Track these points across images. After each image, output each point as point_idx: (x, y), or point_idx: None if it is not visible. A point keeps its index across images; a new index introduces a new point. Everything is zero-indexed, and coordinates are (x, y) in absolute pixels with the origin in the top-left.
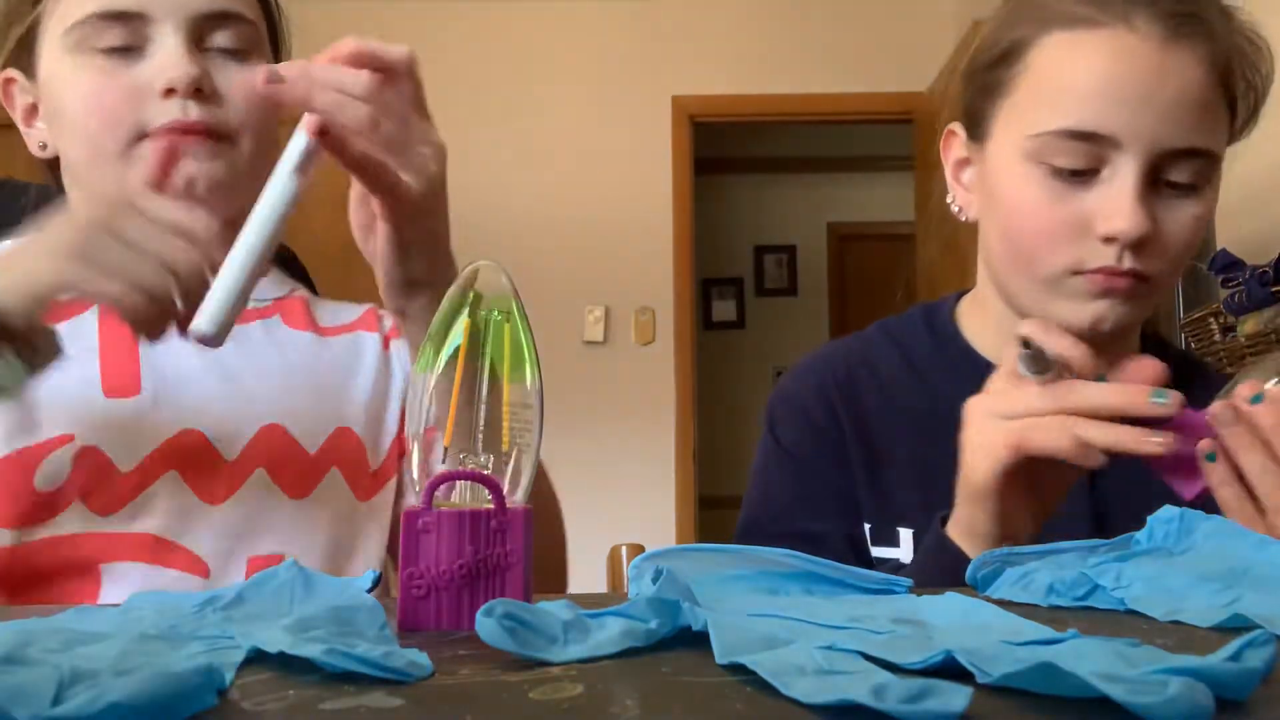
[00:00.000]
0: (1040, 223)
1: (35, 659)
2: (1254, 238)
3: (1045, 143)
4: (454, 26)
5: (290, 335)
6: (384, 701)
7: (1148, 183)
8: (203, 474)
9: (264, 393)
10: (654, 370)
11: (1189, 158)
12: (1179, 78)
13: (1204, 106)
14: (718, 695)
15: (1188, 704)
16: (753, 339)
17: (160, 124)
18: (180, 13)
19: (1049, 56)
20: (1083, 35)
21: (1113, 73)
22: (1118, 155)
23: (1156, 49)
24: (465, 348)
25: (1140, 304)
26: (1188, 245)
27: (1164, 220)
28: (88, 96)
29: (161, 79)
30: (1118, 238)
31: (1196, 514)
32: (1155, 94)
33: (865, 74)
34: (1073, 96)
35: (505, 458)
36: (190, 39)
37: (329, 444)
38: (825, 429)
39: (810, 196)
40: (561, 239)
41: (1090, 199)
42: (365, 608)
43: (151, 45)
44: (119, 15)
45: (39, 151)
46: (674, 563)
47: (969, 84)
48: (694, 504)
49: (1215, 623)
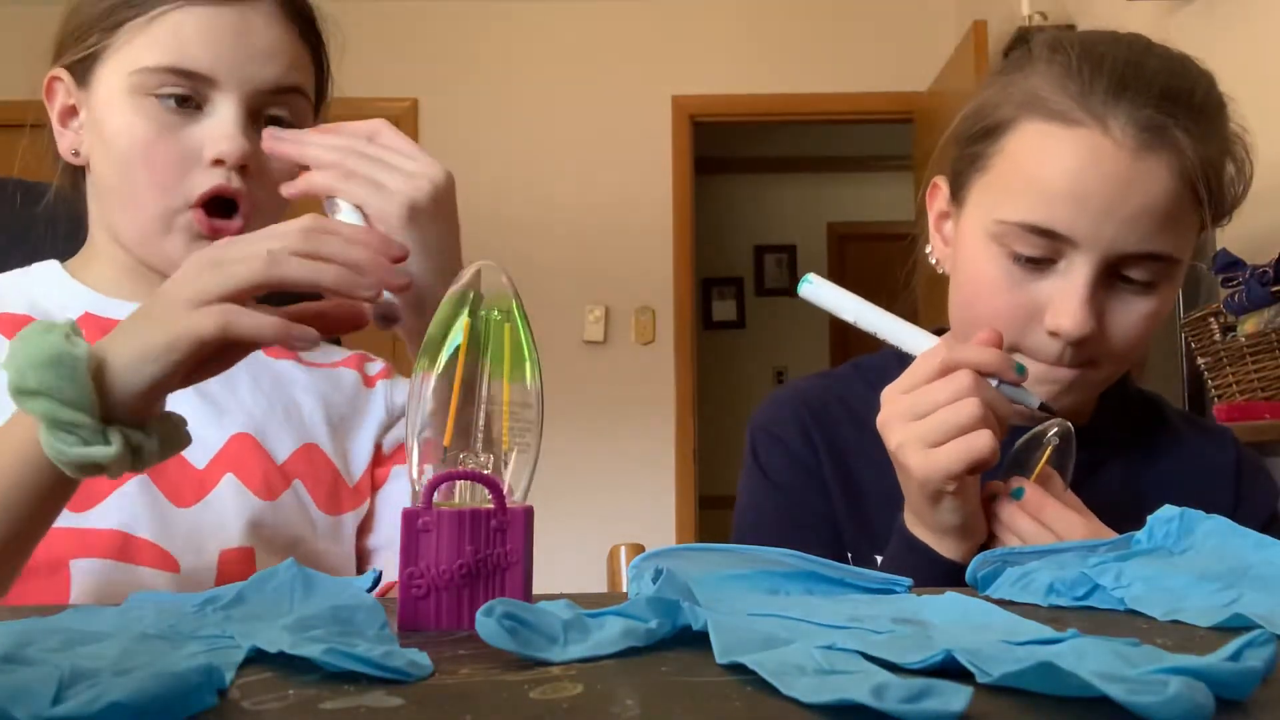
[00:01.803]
0: (995, 304)
1: (35, 659)
2: (1254, 238)
3: (1008, 230)
4: (454, 26)
5: (268, 364)
6: (384, 701)
7: (1100, 281)
8: (171, 479)
9: (234, 405)
10: (654, 370)
11: (1148, 260)
12: (1146, 187)
13: (1169, 215)
14: (718, 695)
15: (1188, 704)
16: (753, 339)
17: (202, 191)
18: (246, 86)
19: (1024, 144)
20: (1059, 130)
21: (1081, 176)
22: (1075, 252)
23: (1128, 156)
24: (465, 348)
25: (1085, 390)
26: (1137, 340)
27: (1113, 317)
28: (142, 148)
29: (213, 150)
30: (1061, 335)
31: (1196, 514)
32: (1121, 202)
33: (865, 74)
34: (1039, 191)
35: (505, 458)
36: (248, 111)
37: (296, 456)
38: (804, 458)
39: (810, 196)
40: (561, 239)
41: (1044, 288)
42: (365, 607)
43: (209, 106)
44: (190, 74)
45: (70, 157)
46: (674, 563)
47: (954, 147)
48: (694, 504)
49: (1215, 622)
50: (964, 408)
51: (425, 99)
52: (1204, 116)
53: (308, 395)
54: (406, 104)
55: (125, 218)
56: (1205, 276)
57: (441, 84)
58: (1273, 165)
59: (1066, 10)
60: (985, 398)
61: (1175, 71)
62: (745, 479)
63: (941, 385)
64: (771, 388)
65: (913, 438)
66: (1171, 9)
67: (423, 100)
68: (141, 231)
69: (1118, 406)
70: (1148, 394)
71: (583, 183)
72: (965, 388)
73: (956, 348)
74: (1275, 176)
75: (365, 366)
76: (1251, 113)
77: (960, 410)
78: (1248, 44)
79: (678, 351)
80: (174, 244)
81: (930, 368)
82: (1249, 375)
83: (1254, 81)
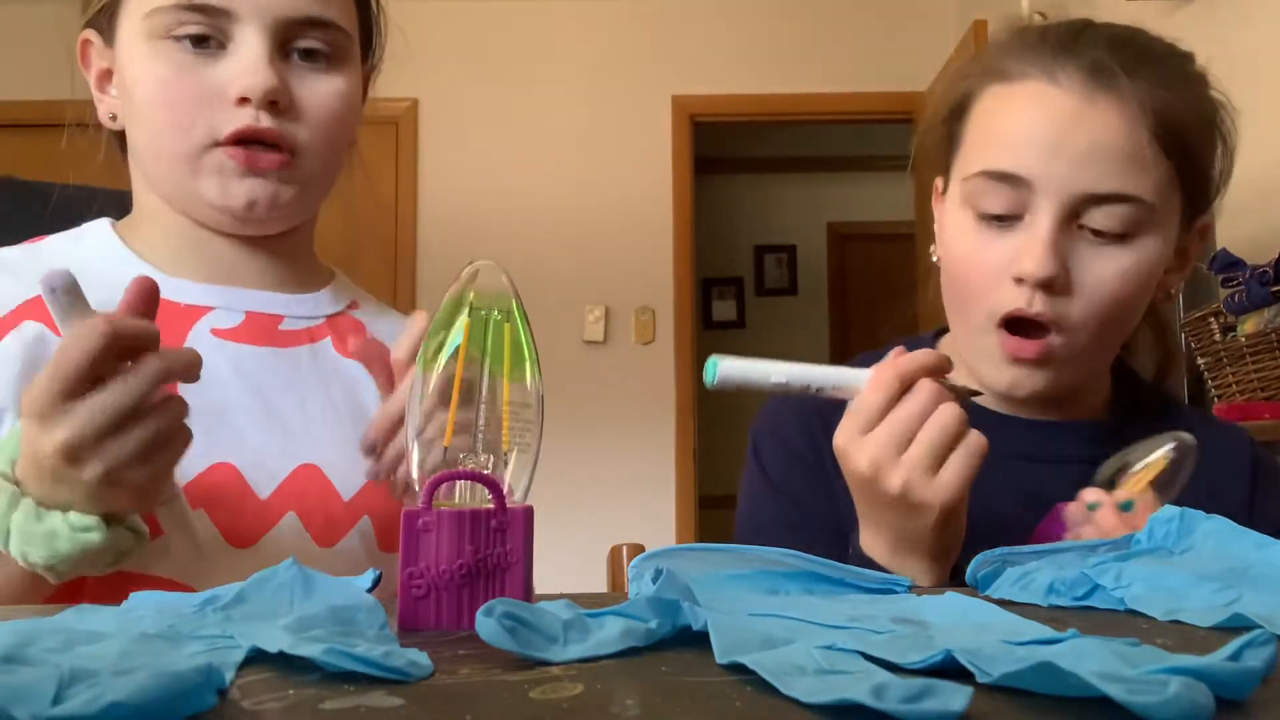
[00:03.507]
0: (969, 269)
1: (35, 659)
2: (1254, 238)
3: (974, 185)
4: (454, 26)
5: (337, 366)
6: (384, 701)
7: (1064, 228)
8: (231, 509)
9: (301, 426)
10: (654, 370)
11: (1111, 203)
12: (1094, 125)
13: (1125, 155)
14: (718, 695)
15: (1188, 704)
16: (753, 339)
17: (230, 130)
18: (267, 15)
19: (984, 108)
20: (1013, 87)
21: (1031, 120)
22: (1036, 200)
23: (1075, 99)
24: (465, 348)
25: (1058, 371)
26: (1113, 297)
27: (1082, 266)
28: (159, 90)
29: (236, 86)
30: (1025, 279)
31: (1197, 514)
32: (1070, 139)
33: (865, 74)
34: (995, 141)
35: (505, 458)
36: (274, 43)
37: (364, 492)
38: (808, 458)
39: (810, 196)
40: (561, 239)
41: (1012, 243)
42: (365, 607)
43: (233, 44)
44: (203, 8)
45: (109, 122)
46: (674, 563)
47: (934, 133)
48: (694, 504)
49: (1215, 622)
50: (944, 416)
51: (425, 99)
52: (1159, 65)
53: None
54: (406, 104)
55: (155, 170)
56: (1205, 276)
57: (441, 84)
58: (1273, 165)
59: (1066, 10)
60: (948, 397)
61: (1134, 31)
62: (746, 480)
63: (909, 402)
64: None
65: (914, 472)
66: (1171, 9)
67: (423, 100)
68: (170, 179)
69: (1131, 403)
70: (1161, 391)
71: (583, 183)
72: (931, 393)
73: (900, 359)
74: (1275, 177)
75: None
76: (1251, 113)
77: (943, 423)
78: (1248, 44)
79: (678, 351)
80: (206, 185)
81: (886, 389)
82: (1249, 375)
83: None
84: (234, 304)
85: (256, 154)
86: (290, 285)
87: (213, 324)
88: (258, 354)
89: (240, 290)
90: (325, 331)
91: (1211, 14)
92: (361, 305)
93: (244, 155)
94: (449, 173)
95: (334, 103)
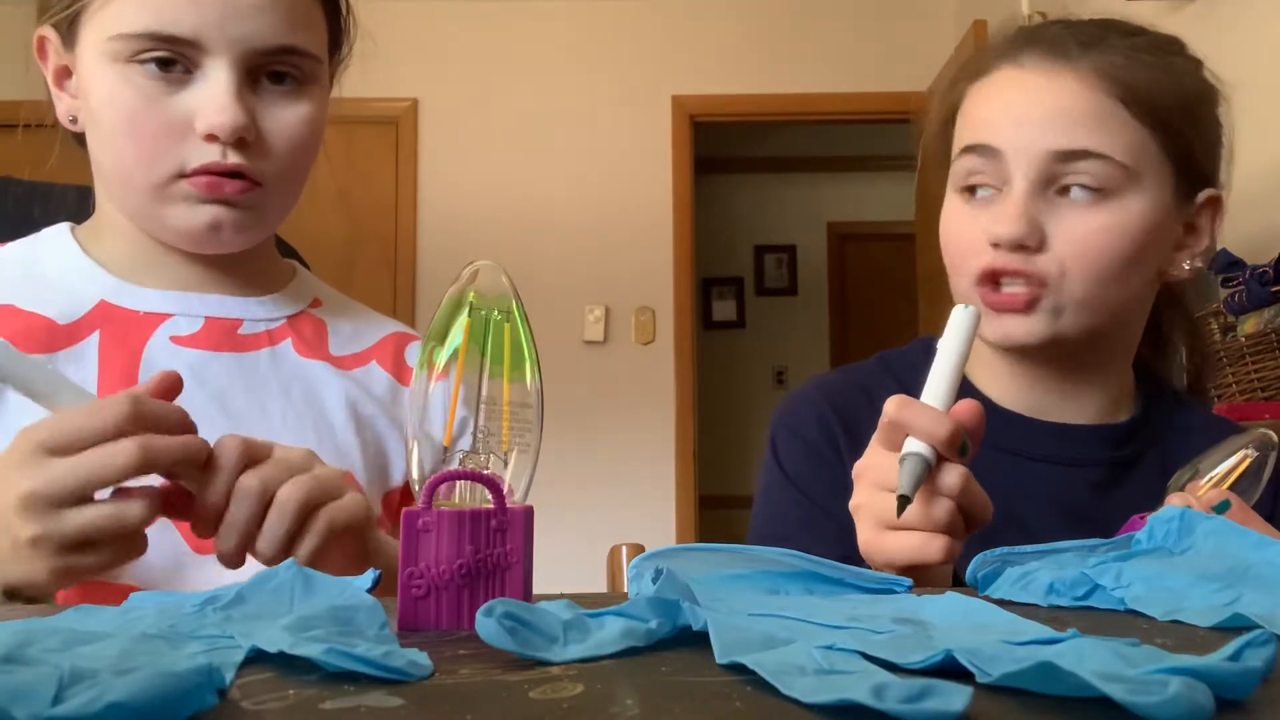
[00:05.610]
0: (955, 241)
1: (35, 659)
2: (1254, 238)
3: (956, 166)
4: (454, 26)
5: (299, 368)
6: (384, 701)
7: (1040, 192)
8: None
9: (264, 434)
10: (654, 370)
11: (1079, 159)
12: (1057, 92)
13: (1090, 114)
14: (718, 695)
15: (1188, 704)
16: (753, 339)
17: (197, 165)
18: (237, 48)
19: (966, 106)
20: (989, 80)
21: (1001, 100)
22: (1009, 170)
23: (1038, 75)
24: (465, 348)
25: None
26: (1095, 250)
27: (1060, 225)
28: (126, 122)
29: (204, 123)
30: (1000, 242)
31: (1197, 514)
32: (1035, 106)
33: (865, 74)
34: (972, 125)
35: (505, 458)
36: (242, 76)
37: None
38: (825, 456)
39: (810, 196)
40: (561, 239)
41: (990, 214)
42: (365, 607)
43: (200, 71)
44: (171, 39)
45: (68, 124)
46: (674, 563)
47: (936, 147)
48: (694, 504)
49: (1215, 622)
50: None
51: (425, 99)
52: (1124, 40)
53: (341, 410)
54: (406, 104)
55: (121, 194)
56: (1205, 276)
57: (441, 84)
58: (1273, 165)
59: (1067, 10)
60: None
61: (1107, 19)
62: (764, 473)
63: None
64: (771, 388)
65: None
66: (1171, 9)
67: (423, 100)
68: (136, 205)
69: (1156, 406)
70: (1187, 394)
71: (583, 182)
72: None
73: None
74: (1275, 177)
75: (398, 358)
76: (1251, 113)
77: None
78: (1248, 44)
79: (678, 351)
80: (174, 213)
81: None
82: (1249, 375)
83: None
84: (193, 309)
85: (221, 181)
86: (250, 288)
87: (171, 331)
88: (218, 359)
89: (199, 295)
90: (286, 333)
91: (1211, 14)
92: (325, 303)
93: (208, 183)
94: (449, 173)
95: (300, 131)
